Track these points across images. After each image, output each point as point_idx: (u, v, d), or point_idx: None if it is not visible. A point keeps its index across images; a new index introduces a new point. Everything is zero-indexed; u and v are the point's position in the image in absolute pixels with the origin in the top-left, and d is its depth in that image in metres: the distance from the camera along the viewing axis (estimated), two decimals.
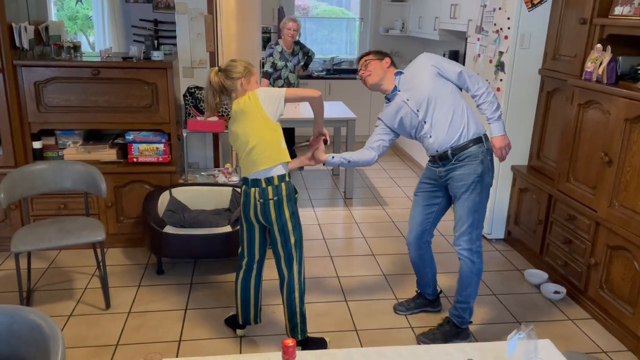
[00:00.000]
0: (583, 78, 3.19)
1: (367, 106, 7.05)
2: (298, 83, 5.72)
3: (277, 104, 2.48)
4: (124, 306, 3.15)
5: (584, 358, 2.00)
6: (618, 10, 3.00)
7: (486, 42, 4.12)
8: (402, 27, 7.29)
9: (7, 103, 3.50)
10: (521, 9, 3.70)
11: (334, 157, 2.80)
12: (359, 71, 2.83)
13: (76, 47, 3.84)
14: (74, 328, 2.93)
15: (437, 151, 2.69)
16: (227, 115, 3.96)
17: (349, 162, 2.82)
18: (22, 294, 2.97)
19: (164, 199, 3.65)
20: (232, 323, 2.94)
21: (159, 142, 3.76)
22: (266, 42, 6.40)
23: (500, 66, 3.90)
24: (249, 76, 2.52)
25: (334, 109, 5.33)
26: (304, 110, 5.10)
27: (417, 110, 2.66)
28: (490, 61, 4.05)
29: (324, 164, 2.77)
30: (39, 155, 3.73)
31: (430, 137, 2.67)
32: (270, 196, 2.51)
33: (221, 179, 4.11)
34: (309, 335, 2.77)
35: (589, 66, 3.13)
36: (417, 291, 3.20)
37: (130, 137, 3.74)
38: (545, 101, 3.75)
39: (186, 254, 3.44)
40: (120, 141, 3.89)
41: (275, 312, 3.12)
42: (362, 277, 3.59)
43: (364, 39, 7.64)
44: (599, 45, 3.07)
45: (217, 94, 2.55)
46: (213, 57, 4.23)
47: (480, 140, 2.63)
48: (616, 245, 2.91)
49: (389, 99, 2.79)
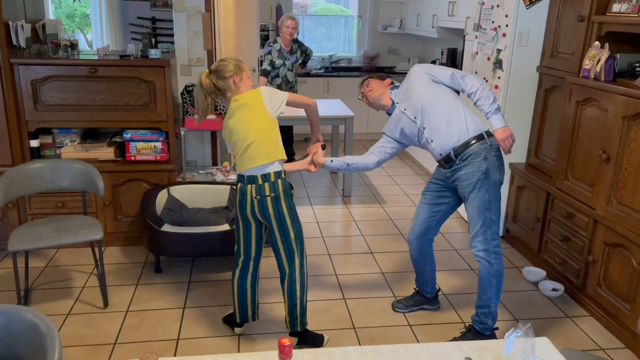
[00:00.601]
0: (581, 75, 3.19)
1: (365, 104, 7.02)
2: (296, 81, 5.70)
3: (278, 104, 2.55)
4: (122, 305, 3.15)
5: (581, 355, 2.00)
6: (616, 7, 3.00)
7: (484, 40, 4.12)
8: (401, 25, 7.28)
9: (4, 101, 3.50)
10: (519, 6, 3.70)
11: (332, 160, 2.87)
12: (361, 89, 2.96)
13: (73, 45, 3.83)
14: (72, 327, 2.93)
15: (440, 155, 2.71)
16: (225, 114, 3.95)
17: (347, 165, 2.88)
18: (19, 293, 2.97)
19: (161, 198, 3.64)
20: (230, 321, 2.94)
21: (157, 141, 3.76)
22: (264, 40, 6.39)
23: (499, 64, 3.90)
24: (240, 73, 2.55)
25: (332, 107, 5.31)
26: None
27: (415, 118, 2.73)
28: (489, 59, 4.05)
29: (323, 167, 2.85)
30: (36, 153, 3.72)
31: (432, 142, 2.71)
32: (267, 193, 2.52)
33: (219, 177, 4.11)
34: (308, 329, 2.78)
35: (587, 63, 3.13)
36: (415, 289, 3.20)
37: (127, 135, 3.73)
38: (543, 99, 3.75)
39: (184, 252, 3.44)
40: (118, 139, 3.88)
41: (273, 310, 3.12)
42: (360, 275, 3.59)
43: (362, 37, 7.63)
44: (597, 43, 3.07)
45: (208, 95, 2.57)
46: (211, 55, 4.22)
47: (481, 137, 2.63)
48: (614, 243, 2.91)
49: (389, 113, 2.89)
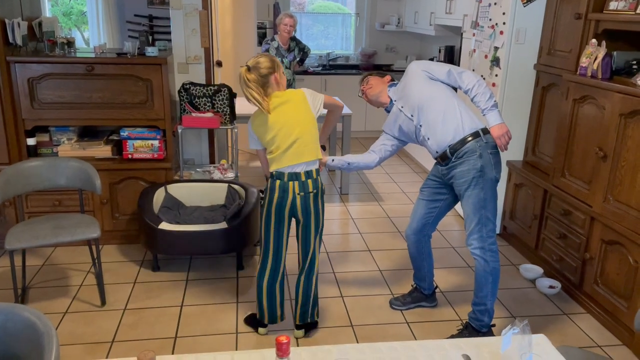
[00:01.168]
0: (578, 73, 3.19)
1: (363, 102, 7.03)
2: (294, 79, 5.69)
3: (319, 104, 2.61)
4: (120, 303, 3.15)
5: (578, 353, 2.01)
6: (613, 5, 3.00)
7: (481, 38, 4.12)
8: (398, 23, 7.28)
9: (1, 100, 3.48)
10: (516, 4, 3.70)
11: (333, 159, 2.89)
12: (361, 86, 2.96)
13: (70, 43, 3.82)
14: (70, 325, 2.92)
15: (437, 152, 2.72)
16: (223, 112, 3.95)
17: (348, 164, 2.90)
18: (16, 292, 2.96)
19: (159, 196, 3.64)
20: (252, 322, 2.93)
21: (154, 139, 3.75)
22: (262, 37, 6.38)
23: (496, 61, 3.90)
24: (279, 69, 2.57)
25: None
26: None
27: (412, 116, 2.74)
28: (486, 56, 4.05)
29: (325, 166, 2.87)
30: (33, 152, 3.71)
31: (429, 139, 2.71)
32: (311, 189, 2.59)
33: (217, 175, 4.10)
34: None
35: (584, 61, 3.13)
36: (412, 285, 3.21)
37: (125, 133, 3.72)
38: (541, 96, 3.75)
39: (182, 250, 3.43)
40: (115, 137, 3.87)
41: None
42: (358, 272, 3.59)
43: (359, 35, 7.62)
44: (593, 41, 3.07)
45: (259, 86, 2.50)
46: (208, 52, 4.21)
47: (477, 134, 2.63)
48: (611, 240, 2.92)
49: (388, 111, 2.90)
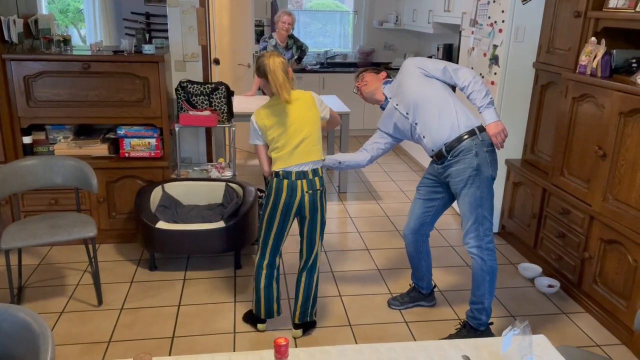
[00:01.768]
0: (577, 71, 3.18)
1: (360, 100, 6.94)
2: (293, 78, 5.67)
3: (324, 111, 2.72)
4: (117, 302, 3.13)
5: (577, 352, 2.00)
6: (612, 3, 2.99)
7: (480, 36, 4.11)
8: (397, 20, 7.26)
9: None
10: (515, 1, 3.68)
11: (325, 159, 2.85)
12: (356, 83, 2.96)
13: (66, 41, 3.79)
14: (66, 325, 2.90)
15: (432, 151, 2.70)
16: (221, 110, 3.93)
17: (340, 163, 2.92)
18: (12, 291, 2.94)
19: (156, 195, 3.62)
20: (251, 319, 2.94)
21: (151, 137, 3.73)
22: (259, 35, 6.35)
23: (495, 59, 3.89)
24: (288, 67, 2.66)
25: (327, 103, 5.28)
26: None
27: (407, 114, 2.73)
28: (485, 54, 4.03)
29: None
30: (29, 150, 3.69)
31: (424, 137, 2.70)
32: (318, 187, 2.63)
33: (214, 174, 4.08)
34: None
35: (583, 59, 3.12)
36: (411, 284, 3.19)
37: (121, 131, 3.70)
38: (540, 95, 3.74)
39: (179, 249, 3.42)
40: (112, 136, 3.85)
41: None
42: (356, 271, 3.58)
43: (357, 32, 7.60)
44: (593, 39, 3.06)
45: (284, 71, 2.58)
46: (205, 50, 4.19)
47: (473, 133, 2.61)
48: (610, 239, 2.91)
49: (383, 108, 2.89)
